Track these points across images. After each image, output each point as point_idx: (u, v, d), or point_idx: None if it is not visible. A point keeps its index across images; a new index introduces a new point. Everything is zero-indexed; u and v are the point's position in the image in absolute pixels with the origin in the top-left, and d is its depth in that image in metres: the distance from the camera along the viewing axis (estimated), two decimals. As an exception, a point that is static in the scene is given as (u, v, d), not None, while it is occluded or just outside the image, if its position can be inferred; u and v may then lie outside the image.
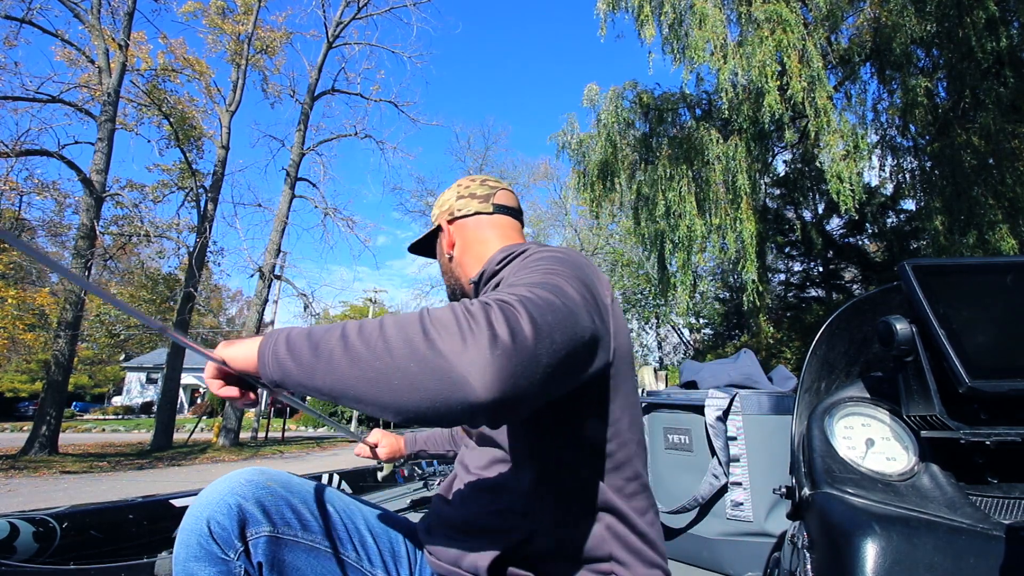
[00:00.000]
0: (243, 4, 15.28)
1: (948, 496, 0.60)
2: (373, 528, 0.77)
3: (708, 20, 8.97)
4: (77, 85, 11.94)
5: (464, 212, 0.99)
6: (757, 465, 1.34)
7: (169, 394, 13.55)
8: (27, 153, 10.83)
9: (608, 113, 10.91)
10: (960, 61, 8.51)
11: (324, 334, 0.54)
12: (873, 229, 13.86)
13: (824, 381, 0.78)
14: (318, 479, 1.70)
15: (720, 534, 1.36)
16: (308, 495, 0.71)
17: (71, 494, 6.44)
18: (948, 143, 8.83)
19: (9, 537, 0.92)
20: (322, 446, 15.11)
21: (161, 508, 1.21)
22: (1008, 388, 0.56)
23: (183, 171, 14.42)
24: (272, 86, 16.86)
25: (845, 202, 8.15)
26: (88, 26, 11.99)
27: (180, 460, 10.71)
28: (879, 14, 9.09)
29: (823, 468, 0.66)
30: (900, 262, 0.68)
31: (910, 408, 0.64)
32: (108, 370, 34.61)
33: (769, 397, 1.41)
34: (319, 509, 0.70)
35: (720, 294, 19.92)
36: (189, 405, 32.35)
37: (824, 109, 8.18)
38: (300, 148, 15.83)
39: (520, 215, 1.03)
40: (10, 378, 28.83)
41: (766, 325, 11.43)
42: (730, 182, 9.57)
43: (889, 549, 0.51)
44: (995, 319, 0.63)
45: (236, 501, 0.63)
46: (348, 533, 0.72)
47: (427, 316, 0.51)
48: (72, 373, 13.54)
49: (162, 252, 15.05)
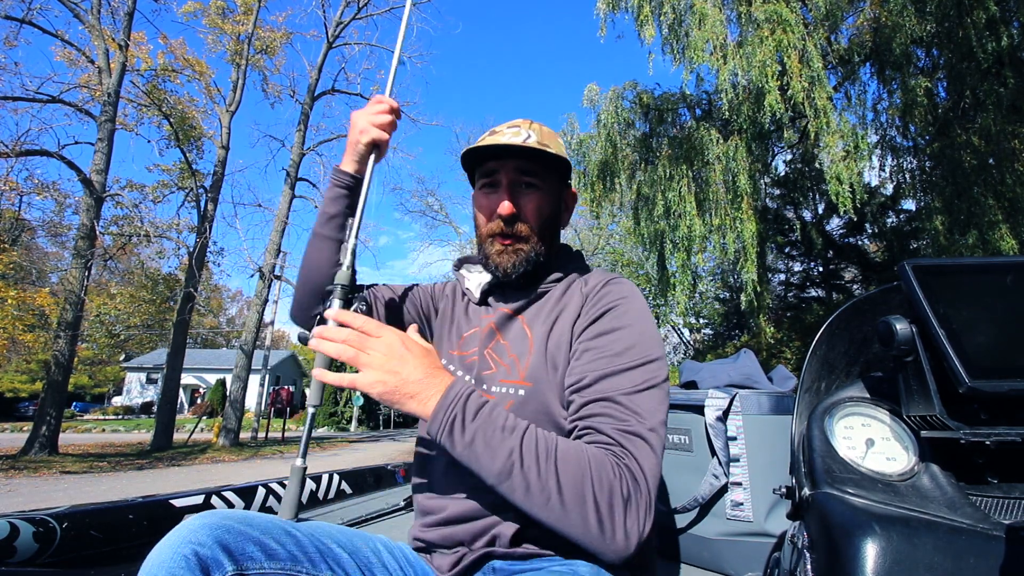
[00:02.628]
0: (243, 4, 15.28)
1: (948, 496, 0.60)
2: (347, 544, 0.71)
3: (708, 20, 8.97)
4: (77, 85, 11.94)
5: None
6: (757, 465, 1.34)
7: (169, 394, 13.55)
8: (27, 153, 10.84)
9: (608, 113, 10.91)
10: (960, 61, 8.50)
11: (500, 442, 0.65)
12: (873, 229, 13.85)
13: (824, 381, 0.78)
14: (318, 480, 1.70)
15: (720, 534, 1.35)
16: (269, 526, 0.65)
17: (71, 494, 6.44)
18: (948, 143, 8.83)
19: (9, 537, 0.92)
20: (322, 446, 15.10)
21: (161, 508, 1.21)
22: (1008, 388, 0.56)
23: (183, 171, 14.42)
24: (272, 86, 16.88)
25: (844, 204, 8.14)
26: (88, 26, 11.99)
27: (180, 460, 10.70)
28: (879, 14, 9.09)
29: (823, 468, 0.66)
30: (900, 262, 0.68)
31: (910, 408, 0.64)
32: (108, 370, 34.61)
33: (769, 397, 1.40)
34: (284, 537, 0.64)
35: (720, 294, 19.92)
36: (189, 405, 32.35)
37: (824, 109, 8.17)
38: (300, 148, 15.83)
39: None
40: (10, 378, 28.84)
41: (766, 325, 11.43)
42: (730, 182, 9.57)
43: (889, 549, 0.51)
44: (995, 319, 0.63)
45: (192, 550, 0.56)
46: (320, 554, 0.67)
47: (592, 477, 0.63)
48: (72, 373, 13.54)
49: (162, 252, 15.07)
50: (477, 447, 0.64)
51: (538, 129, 0.88)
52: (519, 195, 0.86)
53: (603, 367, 0.74)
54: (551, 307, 0.86)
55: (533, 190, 0.86)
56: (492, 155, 0.87)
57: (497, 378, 0.84)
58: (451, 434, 0.65)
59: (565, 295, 0.87)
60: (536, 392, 0.79)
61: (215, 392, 26.26)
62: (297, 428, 24.38)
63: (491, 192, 0.88)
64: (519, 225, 0.86)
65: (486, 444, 0.64)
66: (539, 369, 0.80)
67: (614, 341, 0.76)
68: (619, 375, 0.73)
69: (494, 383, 0.84)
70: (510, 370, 0.83)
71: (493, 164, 0.87)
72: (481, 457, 0.64)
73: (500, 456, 0.64)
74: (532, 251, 0.86)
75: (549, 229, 0.89)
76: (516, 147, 0.82)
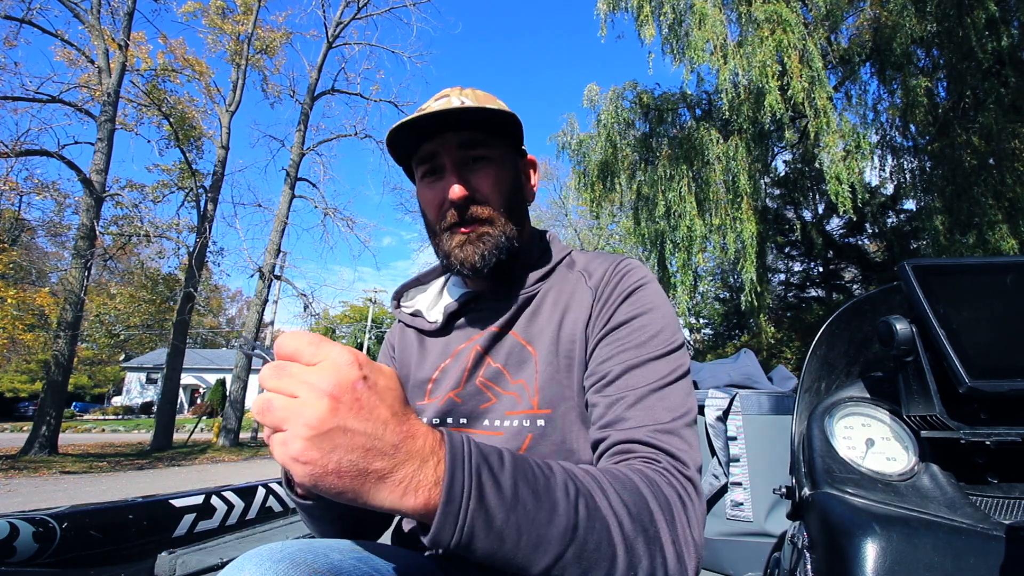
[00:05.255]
0: (243, 4, 15.28)
1: (948, 496, 0.60)
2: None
3: (708, 20, 8.98)
4: (77, 85, 11.94)
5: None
6: (757, 465, 1.34)
7: (169, 394, 13.55)
8: (27, 153, 10.83)
9: (608, 113, 10.91)
10: (960, 61, 8.51)
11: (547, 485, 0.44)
12: (873, 229, 13.87)
13: (824, 381, 0.78)
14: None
15: (720, 534, 1.35)
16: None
17: (71, 494, 6.44)
18: (948, 143, 8.84)
19: (9, 537, 0.92)
20: (322, 446, 15.07)
21: (161, 508, 1.21)
22: (1008, 388, 0.56)
23: (183, 171, 14.42)
24: (272, 86, 16.87)
25: (844, 204, 8.16)
26: (88, 26, 11.99)
27: (180, 460, 10.70)
28: (879, 14, 9.09)
29: (823, 468, 0.66)
30: (900, 262, 0.68)
31: (910, 408, 0.64)
32: (108, 370, 34.61)
33: (769, 397, 1.40)
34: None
35: (720, 294, 19.93)
36: (189, 405, 32.34)
37: (824, 109, 8.18)
38: (300, 148, 15.83)
39: None
40: (10, 378, 28.83)
41: (766, 325, 11.43)
42: (730, 182, 9.57)
43: (889, 549, 0.51)
44: (995, 319, 0.63)
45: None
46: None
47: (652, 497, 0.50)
48: (72, 373, 13.54)
49: (162, 252, 15.06)
50: (525, 501, 0.41)
51: (471, 93, 0.73)
52: (469, 174, 0.70)
53: (628, 360, 0.63)
54: (549, 311, 0.71)
55: (484, 163, 0.71)
56: (425, 135, 0.70)
57: (502, 410, 0.69)
58: (482, 498, 0.39)
59: (563, 292, 0.73)
60: (556, 422, 0.66)
61: (215, 392, 26.25)
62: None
63: (435, 181, 0.72)
64: (477, 208, 0.70)
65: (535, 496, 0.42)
66: (555, 392, 0.66)
67: (638, 330, 0.65)
68: (645, 366, 0.62)
69: (498, 416, 0.69)
70: (519, 399, 0.68)
71: (429, 146, 0.70)
72: (535, 515, 0.41)
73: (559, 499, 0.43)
74: (500, 235, 0.70)
75: (515, 206, 0.73)
76: (453, 112, 0.65)
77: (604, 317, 0.67)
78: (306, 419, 0.35)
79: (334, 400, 0.36)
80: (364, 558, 0.53)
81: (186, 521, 1.23)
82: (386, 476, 0.37)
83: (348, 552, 0.53)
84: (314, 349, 0.38)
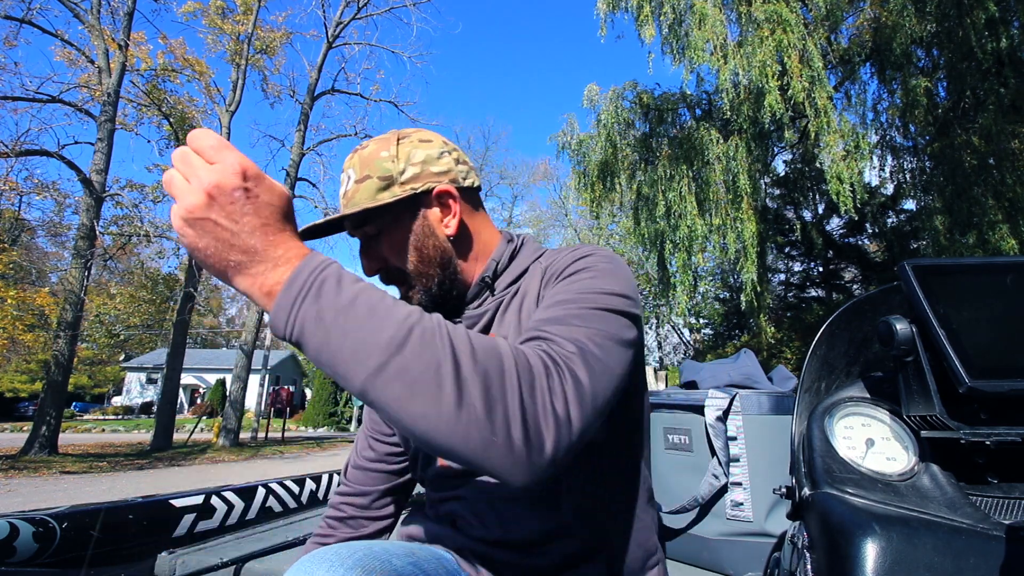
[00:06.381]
0: (243, 4, 15.28)
1: (948, 496, 0.60)
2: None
3: (708, 20, 8.98)
4: (77, 85, 11.94)
5: (470, 182, 0.77)
6: (757, 465, 1.34)
7: (169, 394, 13.55)
8: (27, 153, 10.84)
9: (608, 113, 10.92)
10: (960, 61, 8.51)
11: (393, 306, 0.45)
12: (873, 229, 13.88)
13: (824, 381, 0.78)
14: (317, 480, 1.70)
15: (720, 534, 1.35)
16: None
17: (71, 494, 6.44)
18: (948, 143, 8.84)
19: (9, 537, 0.92)
20: (322, 446, 15.10)
21: (161, 508, 1.21)
22: (1008, 388, 0.56)
23: (183, 171, 14.39)
24: (272, 86, 16.87)
25: (845, 203, 8.16)
26: (88, 26, 11.99)
27: (180, 460, 10.71)
28: (879, 14, 9.10)
29: (823, 468, 0.66)
30: (900, 262, 0.68)
31: (910, 408, 0.64)
32: (108, 370, 34.61)
33: (769, 397, 1.40)
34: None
35: (720, 294, 19.93)
36: (189, 405, 32.34)
37: (824, 109, 8.19)
38: (300, 148, 15.83)
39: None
40: (10, 378, 28.83)
41: (766, 325, 11.43)
42: (730, 182, 9.58)
43: (889, 549, 0.51)
44: (995, 319, 0.63)
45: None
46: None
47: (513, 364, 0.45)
48: (72, 373, 13.54)
49: (162, 252, 15.05)
50: (359, 309, 0.44)
51: (358, 161, 0.73)
52: (371, 250, 0.74)
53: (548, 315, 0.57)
54: (516, 307, 0.73)
55: (378, 237, 0.73)
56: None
57: None
58: (319, 297, 0.44)
59: (530, 287, 0.73)
60: None
61: (215, 392, 26.26)
62: (296, 428, 24.39)
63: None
64: (392, 275, 0.75)
65: (371, 308, 0.44)
66: None
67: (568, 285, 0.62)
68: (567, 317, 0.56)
69: None
70: None
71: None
72: (365, 322, 0.43)
73: (395, 316, 0.44)
74: (429, 286, 0.73)
75: (430, 256, 0.72)
76: (322, 225, 0.71)
77: (548, 289, 0.67)
78: (187, 204, 0.44)
79: (209, 197, 0.44)
80: (418, 562, 0.56)
81: (186, 521, 1.23)
82: (241, 268, 0.45)
83: (404, 557, 0.56)
84: (214, 152, 0.45)
